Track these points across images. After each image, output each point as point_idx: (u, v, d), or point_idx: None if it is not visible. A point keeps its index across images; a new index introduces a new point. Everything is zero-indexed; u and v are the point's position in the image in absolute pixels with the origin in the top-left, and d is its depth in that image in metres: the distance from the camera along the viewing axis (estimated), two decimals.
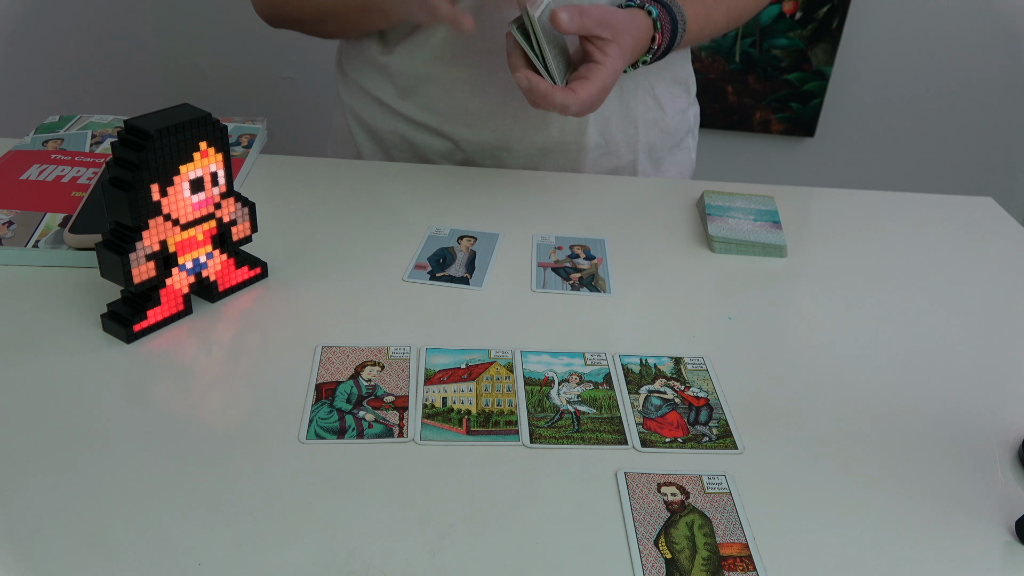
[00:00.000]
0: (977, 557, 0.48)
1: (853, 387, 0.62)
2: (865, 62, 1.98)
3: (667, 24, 0.82)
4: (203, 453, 0.52)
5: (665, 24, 0.82)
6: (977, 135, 2.06)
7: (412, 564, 0.45)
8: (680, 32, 0.84)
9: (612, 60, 0.76)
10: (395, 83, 0.91)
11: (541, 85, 0.73)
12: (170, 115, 0.58)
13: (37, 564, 0.44)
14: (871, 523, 0.50)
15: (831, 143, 2.09)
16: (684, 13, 0.84)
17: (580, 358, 0.62)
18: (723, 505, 0.50)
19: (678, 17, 0.83)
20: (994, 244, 0.84)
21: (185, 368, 0.59)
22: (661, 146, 0.99)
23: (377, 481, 0.51)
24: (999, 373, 0.65)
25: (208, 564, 0.45)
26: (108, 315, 0.61)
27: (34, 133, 0.87)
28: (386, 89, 0.92)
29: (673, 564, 0.46)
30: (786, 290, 0.74)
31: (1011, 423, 0.59)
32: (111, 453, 0.51)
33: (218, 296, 0.66)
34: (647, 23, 0.81)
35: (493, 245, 0.76)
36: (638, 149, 0.96)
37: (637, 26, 0.79)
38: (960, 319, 0.71)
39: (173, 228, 0.61)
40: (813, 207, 0.90)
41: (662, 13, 0.82)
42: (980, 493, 0.53)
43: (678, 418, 0.57)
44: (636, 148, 0.96)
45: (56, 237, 0.70)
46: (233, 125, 0.90)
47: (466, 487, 0.51)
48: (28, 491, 0.48)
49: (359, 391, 0.58)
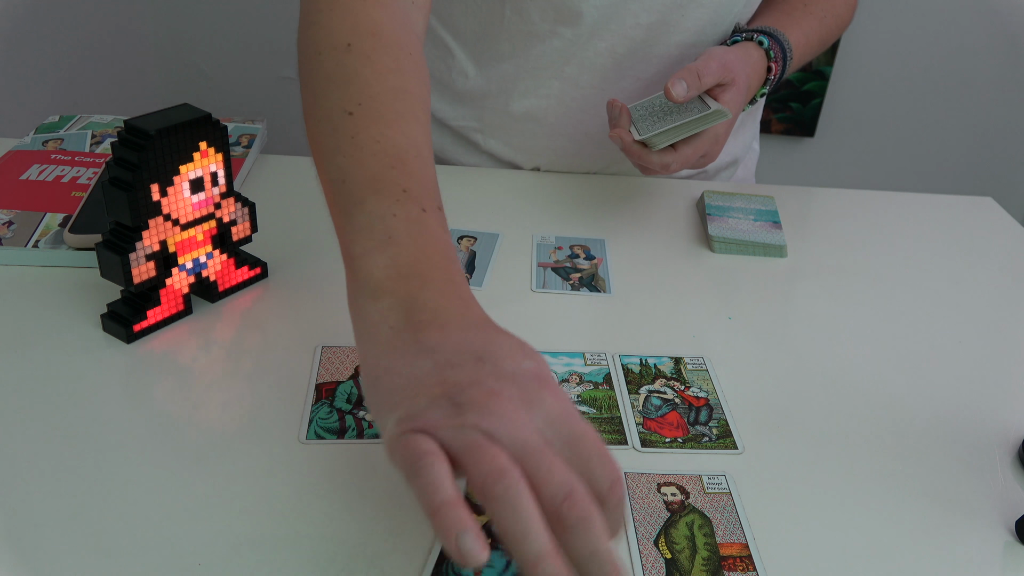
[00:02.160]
0: (977, 557, 0.48)
1: (853, 387, 0.62)
2: (865, 62, 1.98)
3: (779, 53, 0.81)
4: (203, 453, 0.52)
5: (777, 53, 0.81)
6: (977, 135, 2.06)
7: (412, 564, 0.45)
8: (789, 59, 0.83)
9: (729, 108, 0.74)
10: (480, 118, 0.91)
11: (635, 147, 0.73)
12: (170, 115, 0.58)
13: (37, 564, 0.44)
14: (871, 523, 0.50)
15: (831, 143, 2.09)
16: (789, 39, 0.83)
17: (580, 358, 0.62)
18: (723, 505, 0.50)
19: (786, 45, 0.82)
20: (994, 244, 0.84)
21: (185, 368, 0.59)
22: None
23: (377, 481, 0.51)
24: (999, 373, 0.65)
25: (208, 564, 0.45)
26: (108, 315, 0.61)
27: (34, 133, 0.87)
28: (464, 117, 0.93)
29: (673, 564, 0.46)
30: (786, 290, 0.74)
31: (1011, 423, 0.59)
32: (111, 453, 0.51)
33: (218, 296, 0.66)
34: (760, 55, 0.80)
35: (493, 245, 0.76)
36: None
37: (751, 62, 0.79)
38: (960, 319, 0.71)
39: (173, 228, 0.61)
40: (813, 207, 0.90)
41: (772, 43, 0.81)
42: (980, 493, 0.53)
43: (678, 418, 0.57)
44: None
45: (56, 237, 0.70)
46: (233, 125, 0.90)
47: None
48: (28, 491, 0.48)
49: (359, 391, 0.58)
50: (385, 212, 0.47)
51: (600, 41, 0.82)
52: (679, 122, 0.72)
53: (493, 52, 0.86)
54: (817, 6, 0.89)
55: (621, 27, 0.81)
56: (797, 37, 0.84)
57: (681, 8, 0.81)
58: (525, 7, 0.81)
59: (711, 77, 0.73)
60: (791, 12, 0.87)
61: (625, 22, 0.81)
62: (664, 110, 0.74)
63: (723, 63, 0.74)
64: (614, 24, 0.81)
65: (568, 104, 0.87)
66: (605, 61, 0.84)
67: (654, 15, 0.81)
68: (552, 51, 0.83)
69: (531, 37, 0.83)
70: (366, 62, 0.55)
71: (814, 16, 0.88)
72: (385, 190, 0.48)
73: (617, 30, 0.82)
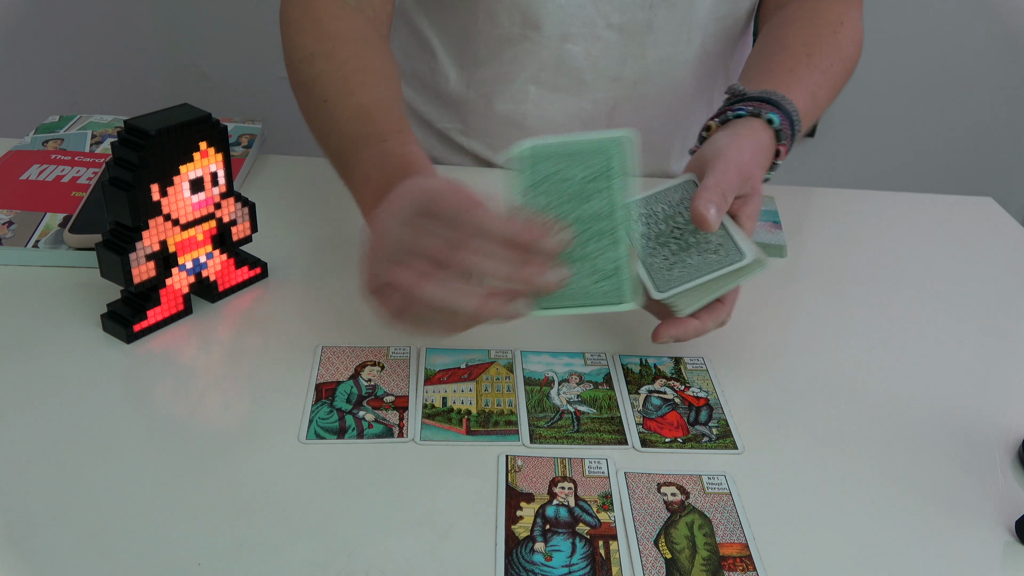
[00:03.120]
0: (977, 557, 0.48)
1: (853, 387, 0.62)
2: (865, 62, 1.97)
3: (787, 130, 0.68)
4: (203, 453, 0.52)
5: (786, 130, 0.68)
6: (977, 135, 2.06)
7: (412, 564, 0.45)
8: (797, 133, 0.70)
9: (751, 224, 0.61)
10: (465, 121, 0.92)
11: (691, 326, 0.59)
12: (170, 115, 0.58)
13: (37, 564, 0.44)
14: (871, 523, 0.50)
15: (831, 143, 2.09)
16: (796, 107, 0.69)
17: (580, 358, 0.62)
18: (723, 505, 0.50)
19: (794, 117, 0.69)
20: (994, 244, 0.84)
21: (185, 368, 0.59)
22: None
23: (377, 481, 0.51)
24: (999, 373, 0.65)
25: (208, 564, 0.45)
26: (108, 315, 0.61)
27: (34, 133, 0.87)
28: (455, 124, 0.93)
29: (673, 564, 0.46)
30: (786, 290, 0.74)
31: (1011, 423, 0.59)
32: (111, 453, 0.51)
33: (218, 296, 0.66)
34: (770, 138, 0.67)
35: None
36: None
37: (763, 151, 0.66)
38: (960, 319, 0.71)
39: (173, 228, 0.61)
40: (813, 207, 0.90)
41: (783, 120, 0.67)
42: (980, 493, 0.53)
43: (678, 418, 0.57)
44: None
45: (56, 237, 0.70)
46: (233, 125, 0.90)
47: (466, 487, 0.51)
48: (28, 491, 0.48)
49: (359, 391, 0.58)
50: (361, 159, 0.62)
51: (573, 44, 0.83)
52: (707, 276, 0.56)
53: (471, 56, 0.87)
54: (822, 55, 0.77)
55: (593, 29, 0.82)
56: (804, 100, 0.71)
57: (651, 8, 0.81)
58: (495, 10, 0.82)
59: (732, 192, 0.59)
60: (794, 68, 0.75)
61: (596, 24, 0.81)
62: (675, 238, 0.59)
63: (742, 171, 0.60)
64: (584, 27, 0.82)
65: (546, 108, 0.87)
66: (581, 64, 0.84)
67: (625, 15, 0.81)
68: (524, 54, 0.84)
69: (503, 41, 0.84)
70: (327, 61, 0.70)
71: (818, 68, 0.76)
72: (360, 143, 0.63)
73: (589, 32, 0.82)
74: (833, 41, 0.79)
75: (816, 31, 0.80)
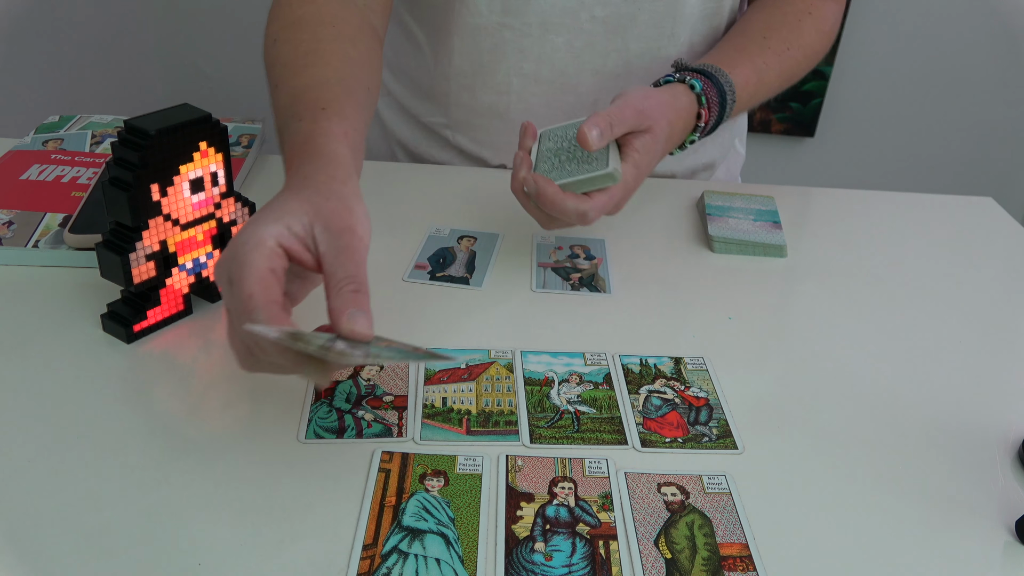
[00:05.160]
0: (977, 557, 0.48)
1: (853, 387, 0.62)
2: (865, 62, 1.98)
3: (714, 96, 0.75)
4: (203, 453, 0.52)
5: (712, 97, 0.74)
6: (977, 135, 2.06)
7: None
8: (729, 104, 0.76)
9: (639, 156, 0.68)
10: (447, 114, 0.92)
11: (549, 189, 0.66)
12: (170, 115, 0.58)
13: (37, 564, 0.44)
14: (871, 523, 0.50)
15: (831, 143, 2.09)
16: (732, 81, 0.76)
17: (580, 358, 0.62)
18: (723, 505, 0.50)
19: (726, 87, 0.75)
20: (994, 244, 0.84)
21: (185, 368, 0.59)
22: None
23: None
24: (999, 373, 0.65)
25: (208, 564, 0.45)
26: (108, 315, 0.61)
27: (34, 133, 0.87)
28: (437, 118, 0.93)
29: (673, 564, 0.46)
30: (786, 290, 0.74)
31: (1011, 423, 0.59)
32: (111, 453, 0.51)
33: (218, 296, 0.66)
34: (689, 100, 0.73)
35: (493, 245, 0.76)
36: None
37: (677, 107, 0.72)
38: (960, 319, 0.71)
39: (173, 228, 0.61)
40: (813, 207, 0.90)
41: (707, 85, 0.74)
42: (980, 493, 0.53)
43: (678, 418, 0.57)
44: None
45: (56, 237, 0.70)
46: (233, 125, 0.90)
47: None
48: (28, 491, 0.48)
49: (358, 391, 0.58)
50: (285, 143, 0.61)
51: (556, 36, 0.83)
52: (576, 177, 0.67)
53: (447, 46, 0.87)
54: (778, 39, 0.82)
55: (576, 21, 0.82)
56: (747, 75, 0.78)
57: (635, 2, 0.81)
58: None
59: (623, 125, 0.67)
60: (745, 47, 0.81)
61: (579, 15, 0.82)
62: (569, 153, 0.69)
63: (639, 109, 0.68)
64: (568, 18, 0.82)
65: (529, 100, 0.87)
66: (563, 56, 0.84)
67: (608, 8, 0.81)
68: (504, 44, 0.84)
69: (479, 31, 0.84)
70: (285, 46, 0.69)
71: (772, 51, 0.81)
72: (283, 127, 0.62)
73: (572, 24, 0.82)
74: (796, 27, 0.84)
75: (781, 17, 0.85)
